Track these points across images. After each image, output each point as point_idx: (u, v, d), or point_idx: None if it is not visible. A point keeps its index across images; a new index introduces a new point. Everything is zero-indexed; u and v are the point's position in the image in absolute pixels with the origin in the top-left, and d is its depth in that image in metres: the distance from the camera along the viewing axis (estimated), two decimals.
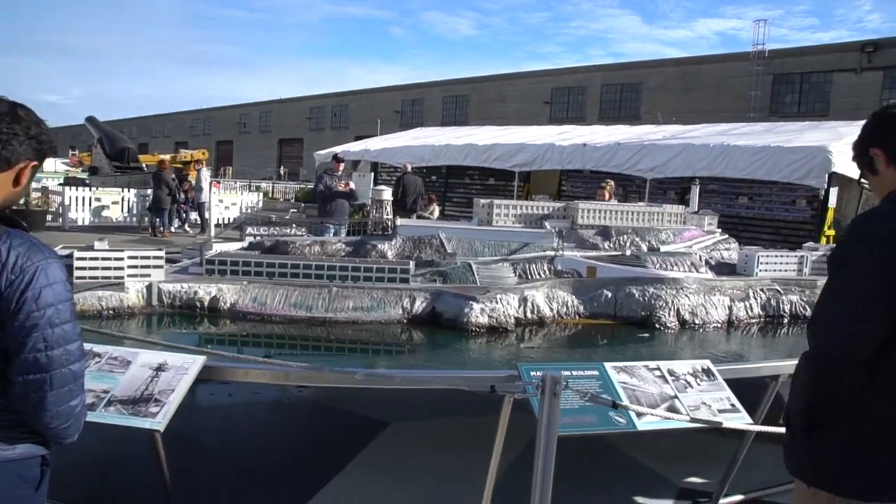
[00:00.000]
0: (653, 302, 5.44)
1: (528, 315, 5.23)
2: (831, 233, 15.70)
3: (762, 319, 5.88)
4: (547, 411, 2.54)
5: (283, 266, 5.38)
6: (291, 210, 24.83)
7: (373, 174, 22.93)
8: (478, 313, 4.91)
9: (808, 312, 6.09)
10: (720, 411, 3.58)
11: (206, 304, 5.06)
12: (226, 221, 22.18)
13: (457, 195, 22.14)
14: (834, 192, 14.99)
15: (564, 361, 3.56)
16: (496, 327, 4.95)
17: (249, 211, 24.61)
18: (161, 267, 5.17)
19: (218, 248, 6.24)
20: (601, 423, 3.17)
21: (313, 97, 60.89)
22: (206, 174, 19.26)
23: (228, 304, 5.06)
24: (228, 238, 6.77)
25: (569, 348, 4.81)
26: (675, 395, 3.57)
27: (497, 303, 5.00)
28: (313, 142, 47.10)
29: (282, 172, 50.21)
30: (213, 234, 12.53)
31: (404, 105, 51.62)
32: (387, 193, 6.42)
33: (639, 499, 4.59)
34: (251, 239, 6.51)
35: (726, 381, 3.87)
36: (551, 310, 5.39)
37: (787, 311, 5.98)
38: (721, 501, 4.57)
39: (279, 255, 5.85)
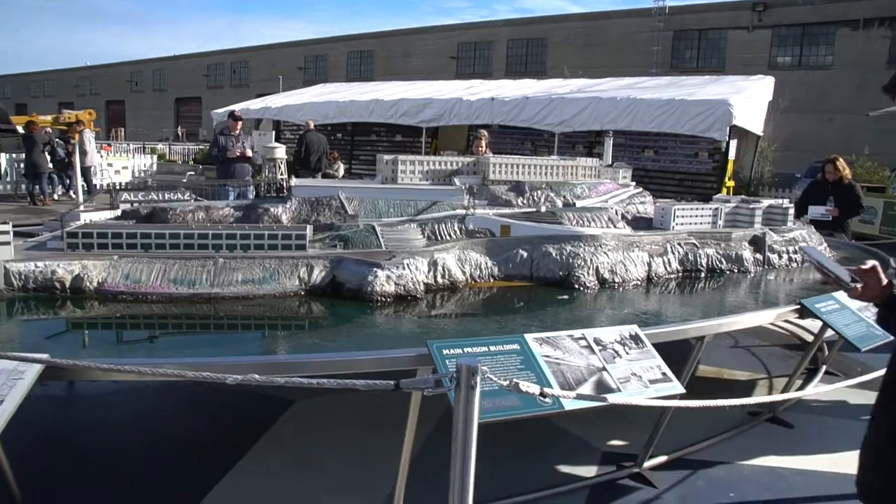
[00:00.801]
0: (571, 261, 5.09)
1: (439, 280, 4.77)
2: (731, 184, 16.12)
3: (680, 274, 5.67)
4: (463, 405, 2.10)
5: (160, 237, 4.66)
6: (189, 173, 23.26)
7: (274, 133, 21.73)
8: (383, 281, 4.40)
9: (724, 266, 5.94)
10: (651, 382, 3.27)
11: (67, 284, 4.30)
12: (117, 187, 20.54)
13: (364, 153, 21.36)
14: (733, 144, 15.34)
15: (480, 336, 3.13)
16: (404, 295, 4.46)
17: (143, 175, 22.93)
18: (7, 243, 4.35)
19: (86, 218, 5.40)
20: (525, 406, 2.78)
21: (211, 53, 57.56)
22: (89, 136, 17.59)
23: (95, 284, 4.31)
24: (99, 207, 5.90)
25: (484, 316, 4.39)
26: (604, 366, 3.24)
27: (404, 268, 4.50)
28: (212, 101, 44.48)
29: (179, 133, 47.35)
30: (82, 201, 11.40)
31: (307, 61, 49.58)
32: (280, 151, 5.73)
33: (562, 467, 4.33)
34: (127, 206, 5.68)
35: (654, 345, 3.59)
36: (464, 273, 4.95)
37: (703, 265, 5.80)
38: (646, 464, 4.38)
39: (157, 224, 5.09)
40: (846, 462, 4.62)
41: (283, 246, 4.70)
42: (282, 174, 5.73)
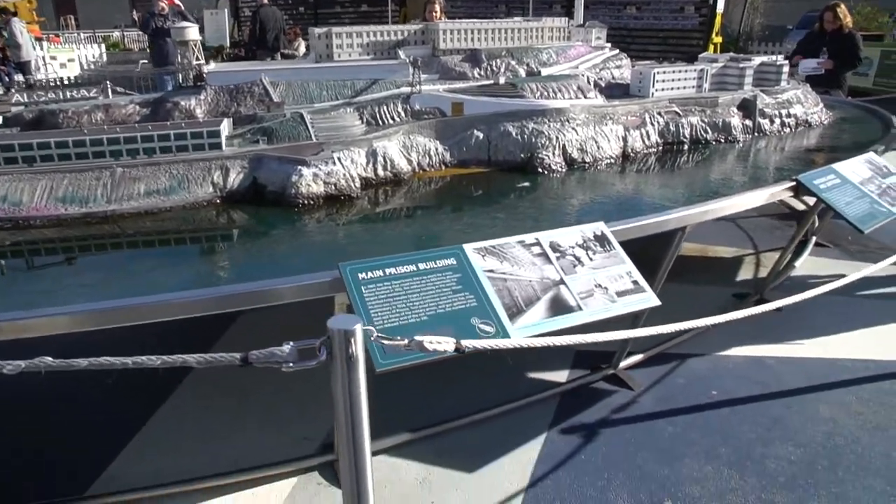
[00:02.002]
0: (534, 140, 4.38)
1: (380, 173, 4.09)
2: (718, 40, 14.99)
3: (660, 148, 4.99)
4: (342, 383, 1.53)
5: (44, 146, 3.87)
6: (142, 61, 21.62)
7: (226, 11, 19.96)
8: (309, 181, 3.71)
9: (710, 135, 5.25)
10: (619, 294, 2.70)
11: None
12: (66, 82, 19.00)
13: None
14: None
15: (406, 253, 2.51)
16: (336, 195, 3.79)
17: (92, 67, 21.28)
18: None
19: None
20: (459, 334, 2.20)
21: None
22: (19, 27, 15.96)
23: None
24: None
25: (431, 214, 3.75)
26: (562, 278, 2.66)
27: (335, 163, 3.79)
28: None
29: (136, 18, 44.24)
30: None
31: None
32: (192, 32, 4.80)
33: (532, 373, 3.92)
34: (18, 109, 4.81)
35: (626, 242, 3.01)
36: (410, 162, 4.25)
37: (687, 135, 5.10)
38: (622, 364, 3.99)
39: (44, 130, 4.29)
40: (838, 346, 4.21)
41: (193, 146, 3.94)
42: (197, 59, 4.85)
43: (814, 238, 5.78)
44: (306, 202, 3.69)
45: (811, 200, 4.25)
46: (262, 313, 2.79)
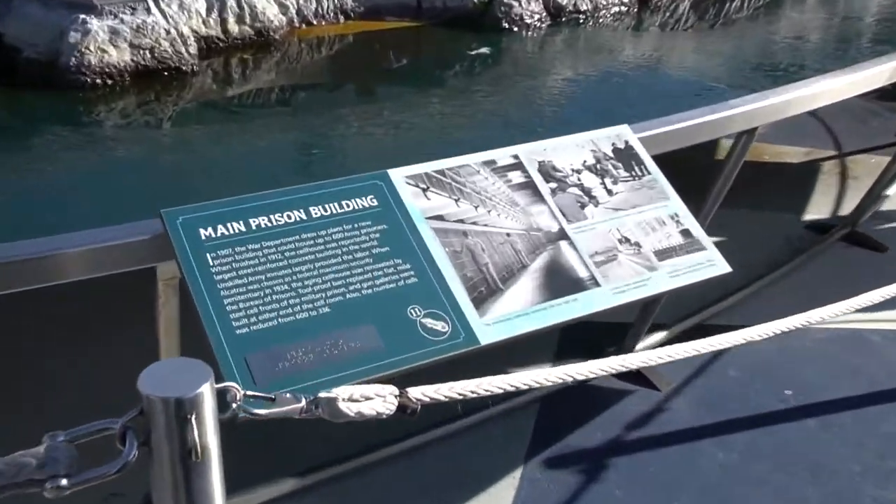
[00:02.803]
0: None
1: (233, 28, 3.66)
2: None
3: None
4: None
5: None
6: None
7: None
8: (102, 41, 3.22)
9: None
10: (660, 254, 2.40)
11: None
12: None
13: None
14: None
15: (283, 188, 2.11)
16: (155, 70, 3.34)
17: None
18: None
19: None
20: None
21: None
22: None
23: None
24: None
25: (321, 108, 3.35)
26: (562, 228, 2.37)
27: (149, 13, 3.30)
28: None
29: None
30: None
31: None
32: None
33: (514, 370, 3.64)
34: None
35: (661, 157, 2.72)
36: (283, 9, 3.82)
37: None
38: (641, 344, 3.81)
39: None
40: None
41: None
42: None
43: None
44: (99, 80, 3.27)
45: None
46: None
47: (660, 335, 3.85)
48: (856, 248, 4.48)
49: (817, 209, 5.09)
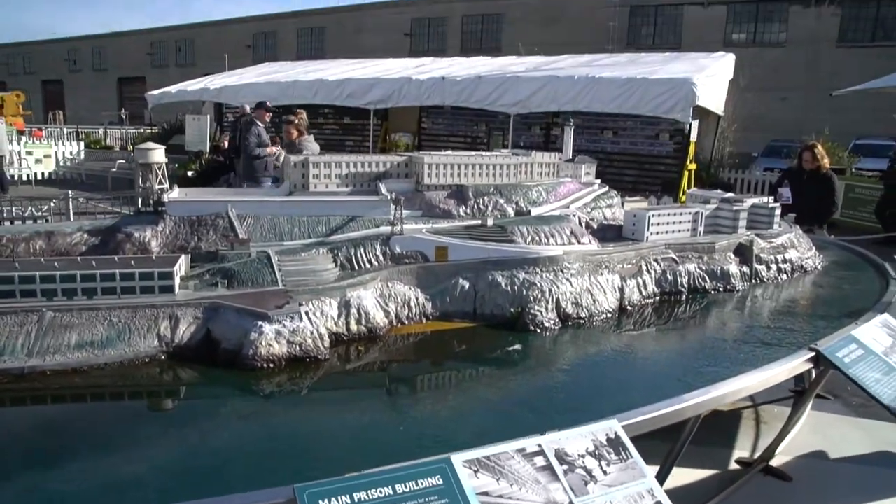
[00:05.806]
0: (525, 293, 3.95)
1: (353, 327, 3.59)
2: (693, 167, 15.24)
3: (657, 298, 4.59)
4: None
5: None
6: (119, 161, 21.38)
7: (209, 117, 20.07)
8: (271, 339, 3.19)
9: (708, 284, 4.89)
10: None
11: None
12: (40, 178, 18.58)
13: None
14: (695, 125, 14.44)
15: (380, 469, 1.98)
16: (301, 357, 3.27)
17: (69, 164, 20.96)
18: None
19: None
20: None
21: (154, 30, 54.47)
22: None
23: None
24: None
25: (409, 390, 3.24)
26: (571, 500, 2.13)
27: (301, 319, 3.29)
28: (157, 80, 41.82)
29: (123, 115, 44.69)
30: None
31: (256, 39, 47.17)
32: (157, 154, 4.43)
33: None
34: None
35: (637, 438, 2.53)
36: (387, 314, 3.76)
37: (685, 284, 4.74)
38: None
39: None
40: None
41: (142, 289, 3.44)
42: (160, 184, 4.44)
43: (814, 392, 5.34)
44: (265, 365, 3.15)
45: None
46: None
47: None
48: (769, 478, 4.10)
49: (743, 445, 4.72)
